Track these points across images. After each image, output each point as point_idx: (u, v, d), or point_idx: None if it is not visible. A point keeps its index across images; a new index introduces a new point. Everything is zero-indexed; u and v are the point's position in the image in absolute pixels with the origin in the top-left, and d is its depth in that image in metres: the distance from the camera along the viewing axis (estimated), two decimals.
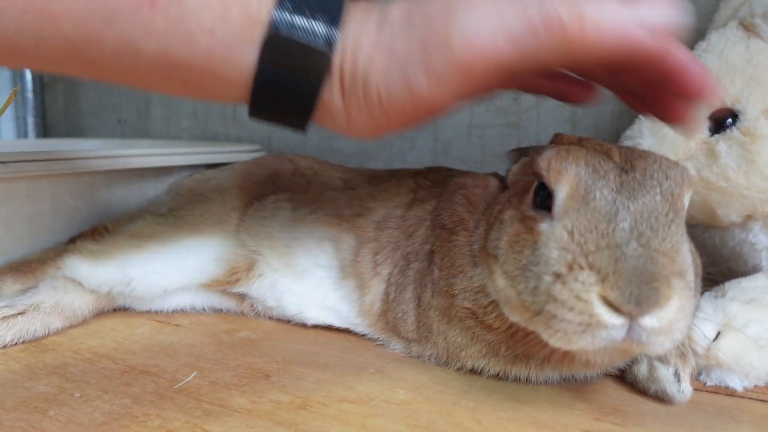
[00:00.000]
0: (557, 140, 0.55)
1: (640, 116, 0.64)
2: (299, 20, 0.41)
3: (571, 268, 0.42)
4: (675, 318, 0.40)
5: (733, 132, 0.57)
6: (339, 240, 0.68)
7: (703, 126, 0.60)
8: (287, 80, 0.42)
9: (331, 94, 0.43)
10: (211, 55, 0.41)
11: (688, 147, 0.59)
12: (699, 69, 0.39)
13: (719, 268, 0.58)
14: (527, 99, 0.94)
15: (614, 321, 0.40)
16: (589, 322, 0.41)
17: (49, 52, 0.41)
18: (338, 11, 0.42)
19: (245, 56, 0.42)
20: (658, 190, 0.44)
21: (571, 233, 0.43)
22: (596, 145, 0.50)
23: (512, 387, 0.53)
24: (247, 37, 0.41)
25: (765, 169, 0.55)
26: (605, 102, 0.88)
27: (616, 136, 0.67)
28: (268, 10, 0.41)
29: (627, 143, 0.64)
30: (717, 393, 0.52)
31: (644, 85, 0.46)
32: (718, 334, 0.51)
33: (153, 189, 0.91)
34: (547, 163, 0.47)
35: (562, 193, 0.46)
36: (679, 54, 0.39)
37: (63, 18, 0.39)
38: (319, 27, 0.41)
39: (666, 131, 0.61)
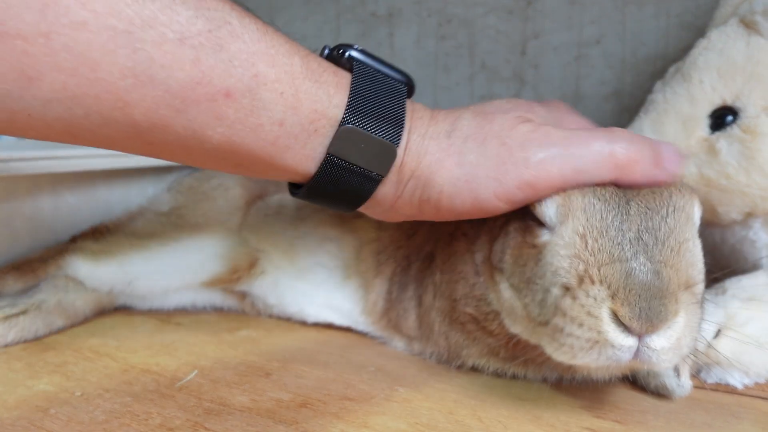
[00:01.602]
0: None
1: (641, 114, 0.64)
2: (369, 119, 0.44)
3: (581, 280, 0.41)
4: (683, 334, 0.40)
5: (734, 129, 0.57)
6: (341, 240, 0.68)
7: (704, 123, 0.60)
8: (351, 171, 0.45)
9: (384, 186, 0.47)
10: (275, 143, 0.43)
11: (688, 144, 0.59)
12: (662, 172, 0.45)
13: (724, 272, 0.57)
14: (527, 97, 0.94)
15: (623, 342, 0.39)
16: (597, 339, 0.40)
17: (111, 134, 0.40)
18: (402, 115, 0.46)
19: (309, 146, 0.44)
20: (662, 194, 0.43)
21: (583, 237, 0.42)
22: None
23: (513, 385, 0.53)
24: (313, 129, 0.43)
25: (765, 167, 0.55)
26: (606, 100, 0.88)
27: None
28: (341, 107, 0.44)
29: None
30: (717, 391, 0.52)
31: None
32: (719, 331, 0.51)
33: (153, 188, 0.91)
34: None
35: (550, 209, 0.44)
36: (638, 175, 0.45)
37: (136, 106, 0.38)
38: (386, 125, 0.45)
39: (666, 129, 0.61)
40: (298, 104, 0.42)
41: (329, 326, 0.69)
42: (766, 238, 0.59)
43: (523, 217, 0.48)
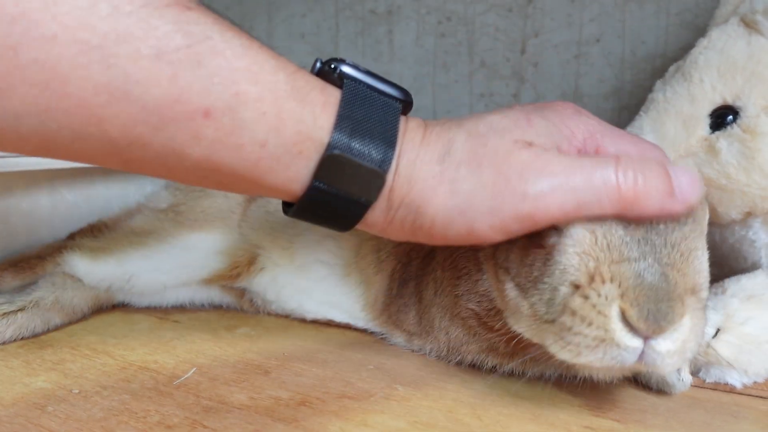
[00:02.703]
0: None
1: (641, 113, 0.64)
2: (356, 143, 0.42)
3: (592, 278, 0.40)
4: (688, 338, 0.40)
5: (734, 129, 0.57)
6: (341, 237, 0.68)
7: (704, 123, 0.60)
8: (337, 197, 0.43)
9: (374, 212, 0.45)
10: (258, 164, 0.41)
11: (688, 144, 0.59)
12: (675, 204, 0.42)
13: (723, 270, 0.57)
14: (527, 95, 0.94)
15: (629, 343, 0.39)
16: (604, 338, 0.39)
17: (86, 150, 0.39)
18: (393, 137, 0.43)
19: (293, 168, 0.42)
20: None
21: (593, 233, 0.41)
22: None
23: (513, 383, 0.53)
24: (297, 151, 0.41)
25: (765, 166, 0.55)
26: (605, 98, 0.88)
27: None
28: (327, 130, 0.42)
29: None
30: (716, 390, 0.52)
31: None
32: (718, 331, 0.51)
33: (152, 185, 0.91)
34: None
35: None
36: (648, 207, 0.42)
37: (111, 122, 0.37)
38: (375, 150, 0.42)
39: (667, 128, 0.61)
40: (282, 125, 0.41)
41: (329, 323, 0.68)
42: (765, 237, 0.59)
43: None
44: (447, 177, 0.43)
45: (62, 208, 0.83)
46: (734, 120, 0.58)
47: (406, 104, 0.46)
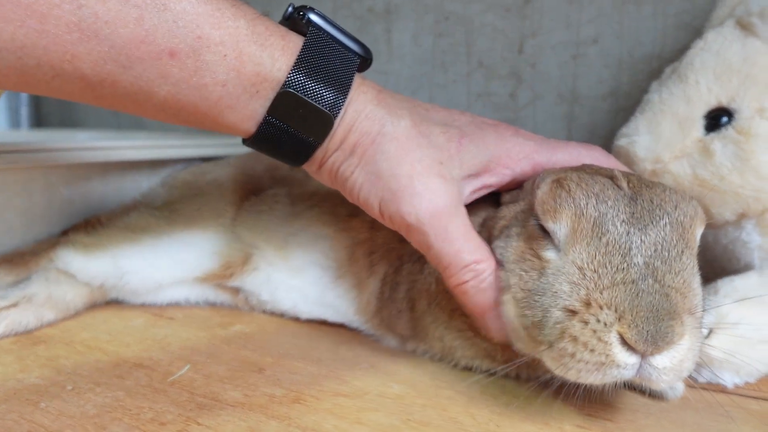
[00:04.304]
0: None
1: (637, 113, 0.65)
2: (311, 84, 0.46)
3: (588, 304, 0.41)
4: (685, 357, 0.40)
5: (728, 131, 0.57)
6: (334, 239, 0.67)
7: (699, 124, 0.60)
8: (287, 134, 0.47)
9: (324, 153, 0.49)
10: (218, 102, 0.45)
11: (683, 145, 0.59)
12: None
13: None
14: (524, 96, 0.94)
15: (628, 360, 0.40)
16: (604, 362, 0.40)
17: (63, 86, 0.42)
18: (347, 86, 0.47)
19: (250, 107, 0.46)
20: (667, 220, 0.43)
21: (581, 269, 0.42)
22: (599, 170, 0.48)
23: (507, 383, 0.53)
24: (255, 90, 0.45)
25: (759, 168, 0.55)
26: (602, 99, 0.88)
27: (612, 134, 0.67)
28: (284, 71, 0.45)
29: (623, 141, 0.64)
30: (708, 390, 0.52)
31: None
32: (710, 331, 0.52)
33: (148, 181, 0.91)
34: (541, 204, 0.45)
35: (563, 230, 0.44)
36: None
37: (83, 59, 0.41)
38: (328, 93, 0.46)
39: (662, 129, 0.61)
40: (241, 67, 0.44)
41: (323, 323, 0.68)
42: (758, 239, 0.59)
43: (524, 223, 0.48)
44: (378, 146, 0.48)
45: (57, 204, 0.82)
46: (729, 122, 0.58)
47: (364, 60, 0.50)
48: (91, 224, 0.78)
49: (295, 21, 0.49)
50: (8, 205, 0.76)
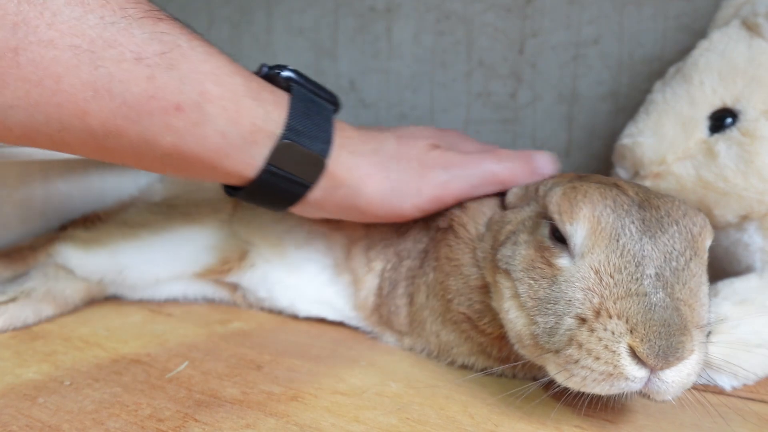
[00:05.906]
0: (555, 179, 0.53)
1: (641, 113, 0.64)
2: (304, 135, 0.52)
3: (598, 313, 0.41)
4: (692, 371, 0.41)
5: (733, 132, 0.57)
6: (330, 237, 0.67)
7: (704, 125, 0.60)
8: (285, 179, 0.52)
9: (314, 192, 0.55)
10: (218, 150, 0.49)
11: (687, 146, 0.59)
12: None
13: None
14: (524, 95, 0.94)
15: (637, 374, 0.40)
16: (612, 373, 0.40)
17: (67, 139, 0.44)
18: (330, 132, 0.54)
19: (247, 156, 0.50)
20: (676, 228, 0.43)
21: (598, 273, 0.42)
22: (602, 179, 0.48)
23: (504, 382, 0.53)
24: (252, 140, 0.49)
25: (763, 170, 0.55)
26: (602, 100, 0.88)
27: (612, 135, 0.67)
28: (279, 123, 0.50)
29: (627, 141, 0.64)
30: (706, 392, 0.52)
31: None
32: (709, 333, 0.52)
33: (146, 177, 0.91)
34: (556, 205, 0.45)
35: (580, 233, 0.44)
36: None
37: (93, 115, 0.43)
38: (318, 141, 0.53)
39: (666, 129, 0.61)
40: (240, 118, 0.48)
41: (321, 320, 0.68)
42: (760, 241, 0.59)
43: (533, 230, 0.48)
44: (382, 167, 0.56)
45: (56, 199, 0.82)
46: (733, 123, 0.58)
47: (336, 106, 0.58)
48: (89, 220, 0.78)
49: (272, 78, 0.54)
50: (6, 200, 0.76)
